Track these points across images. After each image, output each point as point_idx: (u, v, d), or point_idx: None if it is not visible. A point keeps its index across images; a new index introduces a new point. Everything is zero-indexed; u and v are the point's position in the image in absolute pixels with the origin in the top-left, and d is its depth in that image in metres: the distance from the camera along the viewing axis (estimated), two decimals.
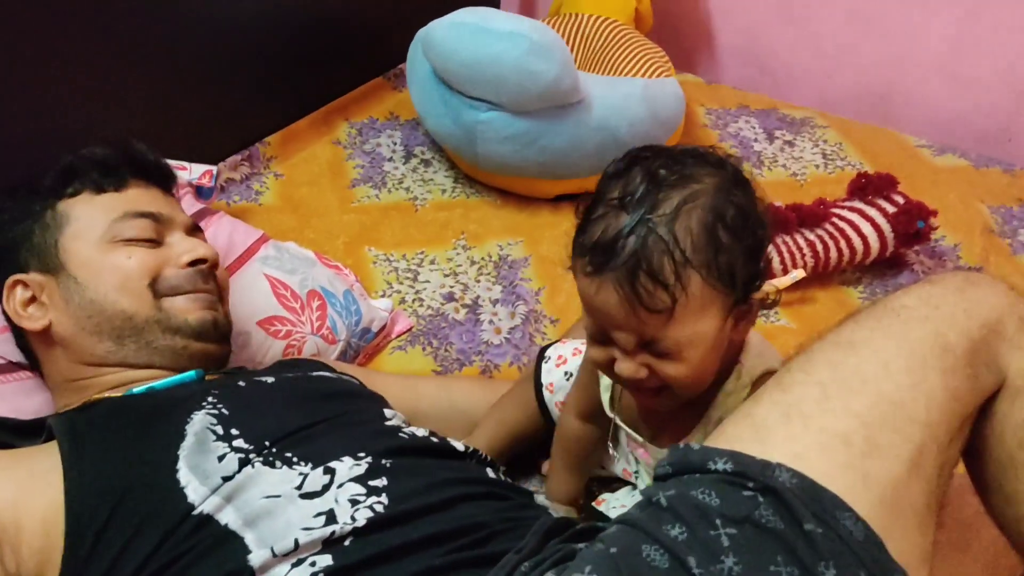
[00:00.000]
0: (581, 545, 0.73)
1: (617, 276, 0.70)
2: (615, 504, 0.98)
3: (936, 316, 0.73)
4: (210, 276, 1.01)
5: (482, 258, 1.50)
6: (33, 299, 0.95)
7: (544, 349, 1.09)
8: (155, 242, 0.99)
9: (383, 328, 1.33)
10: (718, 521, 0.65)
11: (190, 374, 0.95)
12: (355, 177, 1.68)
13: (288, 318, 1.22)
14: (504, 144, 1.51)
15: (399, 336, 1.35)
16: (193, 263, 0.99)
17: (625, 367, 0.75)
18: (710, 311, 0.72)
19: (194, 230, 1.05)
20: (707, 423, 0.81)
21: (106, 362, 0.94)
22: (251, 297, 1.20)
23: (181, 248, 0.99)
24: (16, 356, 1.04)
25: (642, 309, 0.70)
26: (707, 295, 0.71)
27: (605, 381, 0.91)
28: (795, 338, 1.35)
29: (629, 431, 0.89)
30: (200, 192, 1.40)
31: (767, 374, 0.79)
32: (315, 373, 1.01)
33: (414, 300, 1.41)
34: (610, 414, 0.91)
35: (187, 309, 0.96)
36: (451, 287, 1.44)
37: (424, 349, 1.33)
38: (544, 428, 1.05)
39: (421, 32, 1.62)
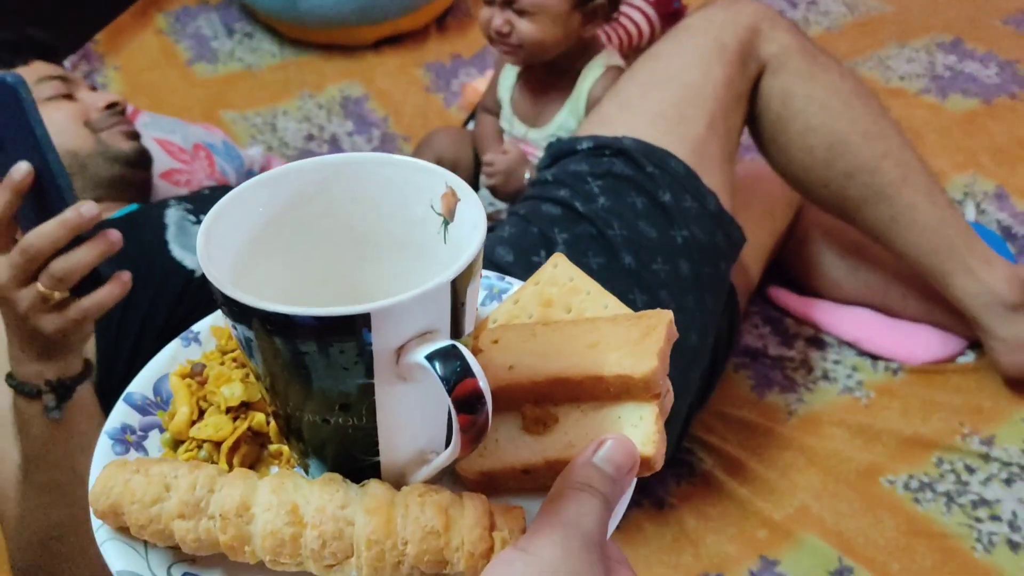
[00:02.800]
0: None
1: None
2: None
3: (713, 27, 1.04)
4: (124, 115, 1.18)
5: (327, 102, 1.71)
6: None
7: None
8: (70, 97, 1.14)
9: (263, 169, 1.53)
10: (589, 178, 0.95)
11: (132, 206, 1.13)
12: (188, 57, 1.82)
13: (185, 169, 1.39)
14: None
15: None
16: (109, 106, 1.15)
17: (496, 20, 1.09)
18: None
19: (93, 89, 1.21)
20: (573, 100, 1.15)
21: None
22: None
23: (95, 97, 1.15)
24: None
25: None
26: None
27: (505, 84, 1.22)
28: None
29: (517, 122, 1.21)
30: None
31: (614, 67, 1.14)
32: None
33: (280, 145, 1.61)
34: (508, 108, 1.22)
35: (120, 139, 1.13)
36: (309, 130, 1.64)
37: None
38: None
39: None
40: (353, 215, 0.41)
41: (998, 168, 1.48)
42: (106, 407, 0.85)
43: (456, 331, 0.36)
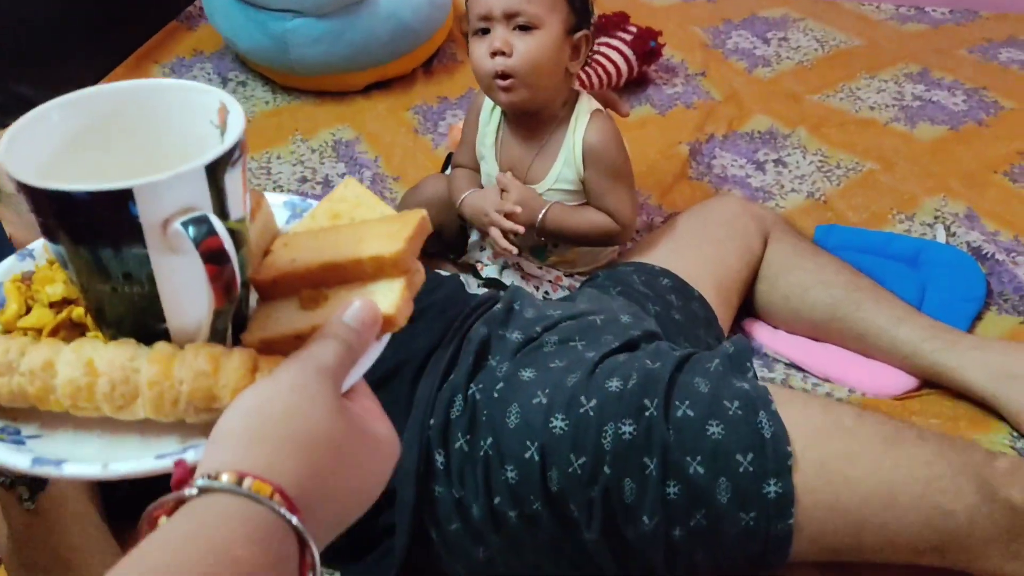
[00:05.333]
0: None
1: None
2: (491, 272, 1.31)
3: (736, 235, 1.26)
4: None
5: (320, 145, 1.77)
6: None
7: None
8: None
9: None
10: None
11: None
12: None
13: None
14: (314, 46, 1.77)
15: None
16: None
17: (497, 38, 1.10)
18: (557, 11, 1.11)
19: None
20: (566, 149, 1.18)
21: None
22: None
23: None
24: None
25: None
26: None
27: (486, 141, 1.24)
28: None
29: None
30: None
31: (596, 111, 1.18)
32: None
33: (274, 189, 1.66)
34: (492, 164, 1.24)
35: None
36: (302, 172, 1.70)
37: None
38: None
39: None
40: (148, 134, 0.48)
41: (968, 191, 1.54)
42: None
43: (221, 213, 0.43)
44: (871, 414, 0.91)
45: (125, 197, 0.40)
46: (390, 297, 0.47)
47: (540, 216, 1.19)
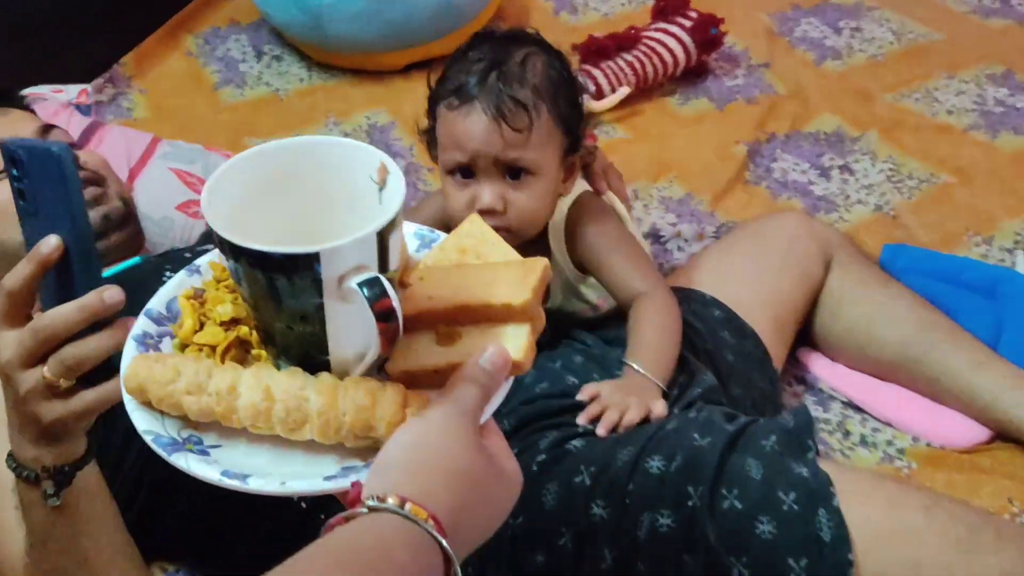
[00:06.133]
0: None
1: (484, 101, 0.87)
2: None
3: (795, 261, 1.15)
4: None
5: (353, 129, 1.67)
6: None
7: None
8: None
9: None
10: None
11: (135, 260, 1.09)
12: (216, 81, 1.79)
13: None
14: (351, 22, 1.67)
15: None
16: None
17: (486, 194, 0.90)
18: (553, 144, 0.92)
19: (44, 131, 1.10)
20: (559, 260, 1.02)
21: None
22: (165, 188, 1.34)
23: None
24: None
25: (507, 127, 0.87)
26: (551, 128, 0.91)
27: None
28: (630, 147, 1.62)
29: None
30: (80, 110, 1.50)
31: (583, 194, 1.02)
32: None
33: None
34: None
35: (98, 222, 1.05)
36: None
37: None
38: None
39: None
40: (319, 183, 0.56)
41: None
42: (104, 474, 0.76)
43: (383, 267, 0.50)
44: (944, 507, 0.79)
45: (312, 258, 0.47)
46: (518, 343, 0.52)
47: (660, 385, 0.91)
